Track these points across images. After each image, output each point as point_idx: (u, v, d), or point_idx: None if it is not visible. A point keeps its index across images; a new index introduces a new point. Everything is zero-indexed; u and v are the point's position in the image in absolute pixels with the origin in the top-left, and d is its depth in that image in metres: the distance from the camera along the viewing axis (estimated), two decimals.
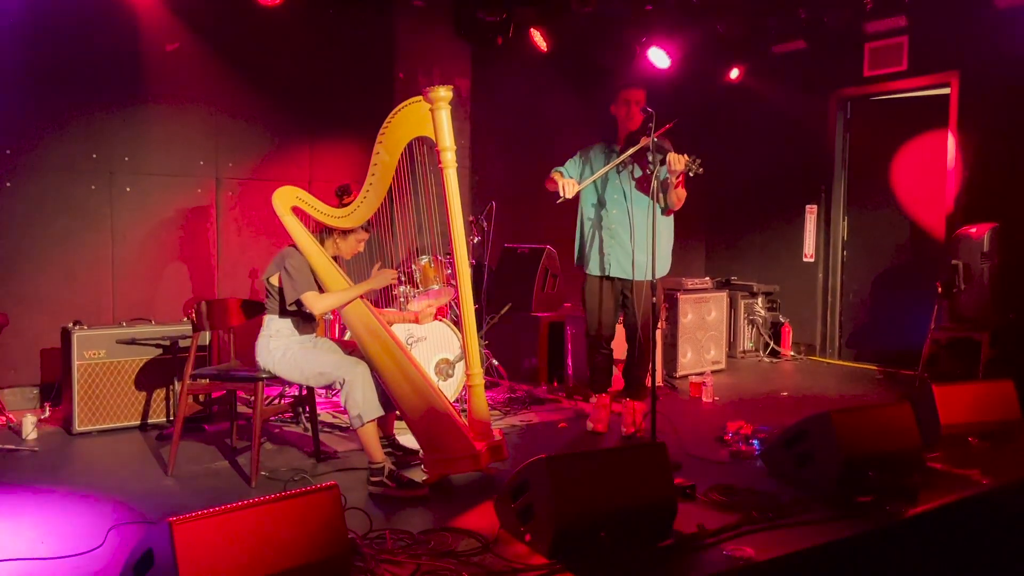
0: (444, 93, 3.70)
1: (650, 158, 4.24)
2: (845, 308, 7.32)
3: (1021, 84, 5.88)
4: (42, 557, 2.94)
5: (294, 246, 3.81)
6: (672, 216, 4.64)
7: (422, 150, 4.01)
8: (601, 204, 4.62)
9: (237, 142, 6.02)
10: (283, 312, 3.79)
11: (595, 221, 4.64)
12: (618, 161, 4.45)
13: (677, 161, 4.21)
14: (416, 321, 4.27)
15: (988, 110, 6.12)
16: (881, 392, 5.93)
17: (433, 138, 3.75)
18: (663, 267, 4.64)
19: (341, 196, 3.90)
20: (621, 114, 4.57)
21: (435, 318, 5.10)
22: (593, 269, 4.67)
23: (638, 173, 4.55)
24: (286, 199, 3.78)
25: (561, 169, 4.69)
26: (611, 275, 4.63)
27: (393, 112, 3.80)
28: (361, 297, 3.88)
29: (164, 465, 4.02)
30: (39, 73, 5.23)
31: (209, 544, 2.30)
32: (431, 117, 3.73)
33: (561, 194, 4.41)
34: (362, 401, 3.62)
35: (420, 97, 3.75)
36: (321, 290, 3.79)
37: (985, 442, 4.16)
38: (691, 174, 4.25)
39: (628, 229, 4.53)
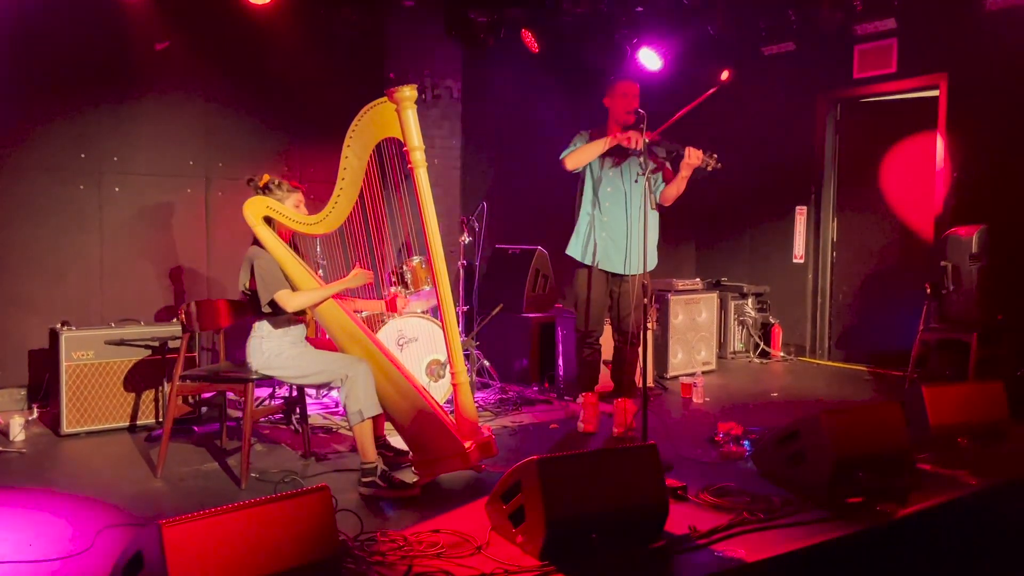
0: (409, 92, 3.69)
1: (641, 160, 4.24)
2: (835, 309, 7.35)
3: (1009, 86, 5.91)
4: (30, 560, 2.92)
5: (256, 244, 3.78)
6: (658, 214, 4.65)
7: (391, 151, 4.01)
8: (598, 201, 4.64)
9: (227, 142, 6.00)
10: (262, 314, 3.78)
11: (592, 217, 4.66)
12: (641, 159, 4.31)
13: (694, 156, 4.18)
14: (387, 309, 4.26)
15: (977, 112, 6.15)
16: (871, 393, 5.95)
17: (401, 138, 3.74)
18: (651, 263, 4.66)
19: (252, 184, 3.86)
20: (617, 106, 4.55)
21: (423, 315, 5.10)
22: (589, 261, 4.68)
23: (634, 171, 4.56)
24: (256, 210, 3.75)
25: (579, 141, 4.62)
26: (603, 269, 4.65)
27: (358, 115, 3.80)
28: (339, 300, 3.88)
29: (153, 467, 3.99)
30: (27, 72, 5.20)
31: (199, 546, 2.29)
32: (398, 117, 3.72)
33: (633, 145, 4.35)
34: (364, 397, 3.62)
35: (384, 98, 3.74)
36: (293, 290, 3.78)
37: (974, 443, 4.18)
38: (708, 168, 4.22)
39: (623, 226, 4.56)
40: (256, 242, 3.80)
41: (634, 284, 4.60)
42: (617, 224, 4.60)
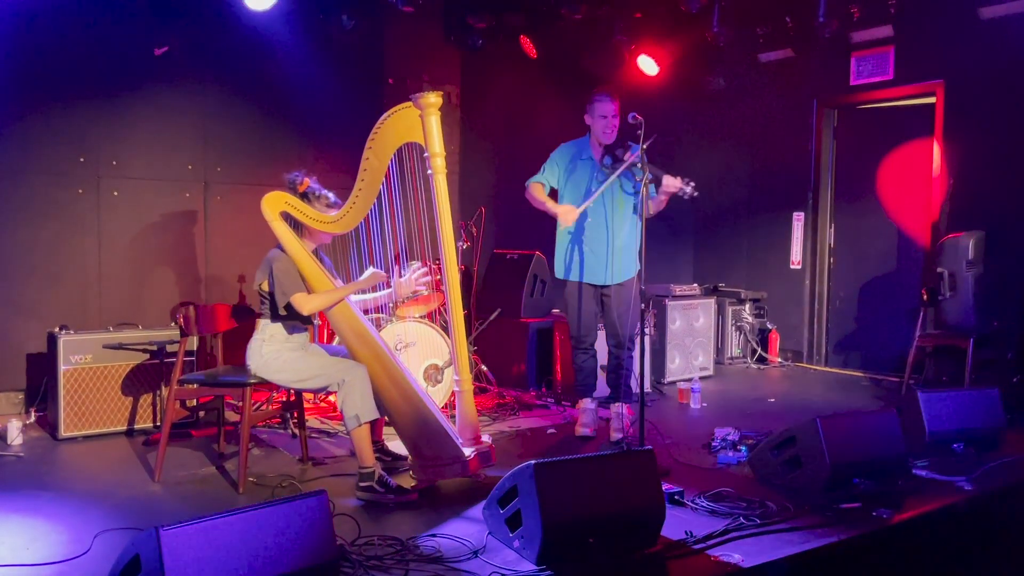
0: (434, 99, 3.70)
1: (634, 172, 4.31)
2: (832, 315, 7.36)
3: (1005, 93, 5.93)
4: (27, 564, 2.92)
5: (278, 246, 3.79)
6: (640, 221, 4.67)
7: (411, 155, 4.01)
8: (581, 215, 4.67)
9: (225, 146, 6.01)
10: (277, 317, 3.78)
11: (574, 231, 4.69)
12: (611, 180, 4.44)
13: (671, 184, 4.26)
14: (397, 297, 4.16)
15: (973, 119, 6.17)
16: (868, 399, 5.96)
17: (423, 144, 3.75)
18: (632, 269, 4.69)
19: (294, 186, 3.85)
20: (596, 127, 4.62)
21: (424, 318, 5.11)
22: (573, 276, 4.72)
23: (616, 184, 4.60)
24: (275, 205, 3.74)
25: (540, 179, 4.72)
26: (588, 282, 4.69)
27: (383, 117, 3.80)
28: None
29: (151, 471, 3.99)
30: (25, 75, 5.21)
31: (196, 550, 2.29)
32: (421, 123, 3.73)
33: (565, 225, 4.54)
34: (361, 402, 3.62)
35: (410, 103, 3.75)
36: (309, 292, 3.77)
37: (970, 449, 4.19)
38: (685, 196, 4.30)
39: (605, 238, 4.62)
40: (279, 245, 3.78)
41: (620, 291, 4.64)
42: (597, 237, 4.64)
